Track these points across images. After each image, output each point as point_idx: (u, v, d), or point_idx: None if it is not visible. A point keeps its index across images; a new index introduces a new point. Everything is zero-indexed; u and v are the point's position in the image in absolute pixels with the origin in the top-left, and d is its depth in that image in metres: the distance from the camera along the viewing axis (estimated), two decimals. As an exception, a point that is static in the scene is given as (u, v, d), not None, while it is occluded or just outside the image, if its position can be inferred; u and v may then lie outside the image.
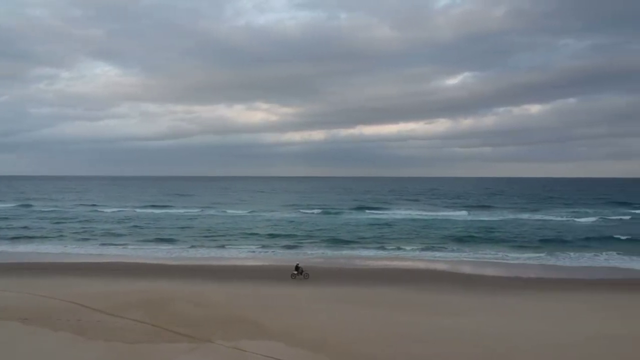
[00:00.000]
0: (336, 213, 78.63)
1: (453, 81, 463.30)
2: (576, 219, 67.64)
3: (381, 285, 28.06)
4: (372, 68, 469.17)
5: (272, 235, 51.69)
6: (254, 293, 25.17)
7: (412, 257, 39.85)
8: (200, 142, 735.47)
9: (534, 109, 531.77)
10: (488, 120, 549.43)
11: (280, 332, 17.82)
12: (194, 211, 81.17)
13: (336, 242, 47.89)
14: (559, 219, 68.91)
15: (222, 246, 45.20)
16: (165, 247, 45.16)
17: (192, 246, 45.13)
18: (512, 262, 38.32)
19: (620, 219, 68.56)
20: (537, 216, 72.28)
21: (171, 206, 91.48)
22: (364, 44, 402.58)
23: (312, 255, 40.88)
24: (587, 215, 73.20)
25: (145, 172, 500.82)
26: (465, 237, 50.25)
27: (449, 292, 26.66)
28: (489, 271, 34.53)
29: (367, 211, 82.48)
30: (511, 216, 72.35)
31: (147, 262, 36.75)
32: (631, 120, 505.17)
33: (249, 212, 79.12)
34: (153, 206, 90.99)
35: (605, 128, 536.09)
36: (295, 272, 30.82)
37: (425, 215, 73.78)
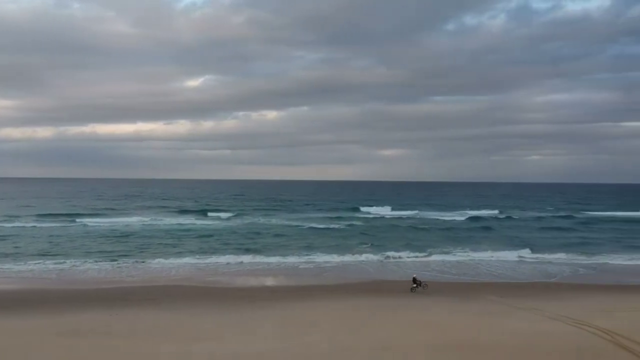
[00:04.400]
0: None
1: (194, 83, 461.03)
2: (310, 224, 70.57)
3: (99, 309, 23.71)
4: (108, 64, 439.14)
5: None
6: None
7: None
8: None
9: (271, 114, 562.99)
10: (229, 123, 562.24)
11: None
12: None
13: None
14: (287, 222, 69.65)
15: None
16: None
17: None
18: (253, 267, 37.34)
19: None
20: (274, 220, 72.45)
21: None
22: (99, 37, 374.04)
23: None
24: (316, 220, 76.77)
25: None
26: (211, 243, 48.08)
27: (200, 310, 23.82)
28: (238, 280, 32.69)
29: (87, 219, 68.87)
30: (255, 219, 72.71)
31: None
32: (353, 129, 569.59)
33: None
34: None
35: (333, 135, 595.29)
36: (415, 285, 29.05)
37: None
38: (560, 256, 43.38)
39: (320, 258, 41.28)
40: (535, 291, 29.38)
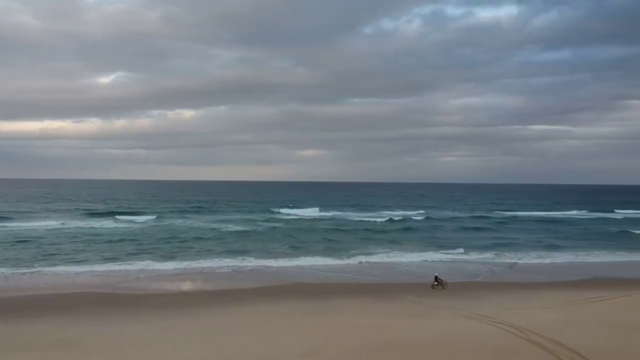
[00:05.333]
0: None
1: (105, 80, 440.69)
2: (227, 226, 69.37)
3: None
4: (13, 58, 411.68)
5: None
6: None
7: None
8: None
9: (188, 114, 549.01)
10: (143, 122, 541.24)
11: None
12: None
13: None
14: (205, 225, 67.86)
15: None
16: None
17: None
18: (169, 272, 35.97)
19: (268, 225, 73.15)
20: (191, 222, 70.68)
21: None
22: (3, 30, 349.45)
23: None
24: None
25: None
26: (124, 247, 45.81)
27: (109, 319, 22.39)
28: (154, 287, 31.27)
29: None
30: (171, 222, 70.33)
31: None
32: (272, 129, 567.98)
33: None
34: None
35: (251, 135, 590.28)
36: (436, 283, 30.68)
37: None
38: (477, 256, 44.98)
39: (240, 262, 40.36)
40: (452, 291, 30.12)
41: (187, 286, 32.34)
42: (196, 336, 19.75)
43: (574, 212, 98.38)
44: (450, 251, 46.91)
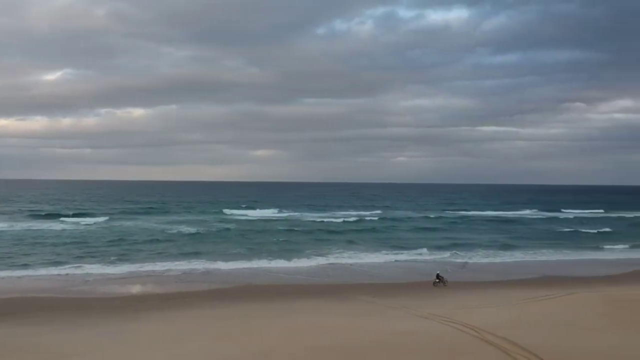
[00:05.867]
0: None
1: (51, 77, 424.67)
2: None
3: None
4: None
5: None
6: None
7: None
8: None
9: (137, 112, 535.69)
10: (90, 121, 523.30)
11: None
12: None
13: None
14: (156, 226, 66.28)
15: None
16: None
17: None
18: (118, 276, 34.90)
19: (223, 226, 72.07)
20: (141, 224, 68.50)
21: None
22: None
23: None
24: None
25: None
26: (71, 250, 44.16)
27: (53, 326, 21.38)
28: (103, 291, 30.21)
29: None
30: (120, 223, 68.28)
31: None
32: (225, 129, 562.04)
33: None
34: None
35: (203, 135, 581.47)
36: (437, 280, 31.77)
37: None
38: (431, 256, 45.47)
39: (192, 264, 39.49)
40: (407, 290, 30.33)
41: (137, 290, 31.40)
42: (148, 341, 19.10)
43: (524, 212, 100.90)
44: (404, 251, 47.33)
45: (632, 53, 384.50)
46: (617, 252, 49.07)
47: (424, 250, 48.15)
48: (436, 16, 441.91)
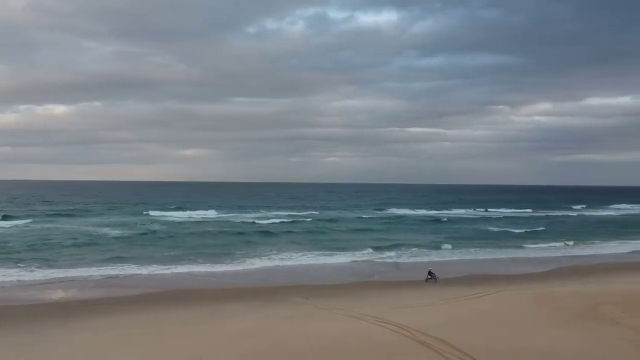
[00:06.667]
0: None
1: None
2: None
3: None
4: None
5: None
6: None
7: None
8: None
9: (59, 109, 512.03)
10: (8, 118, 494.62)
11: None
12: None
13: None
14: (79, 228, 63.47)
15: None
16: None
17: None
18: (39, 282, 32.74)
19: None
20: (63, 226, 65.24)
21: None
22: None
23: None
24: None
25: None
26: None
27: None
28: (22, 297, 28.31)
29: None
30: (40, 226, 64.52)
31: None
32: (152, 128, 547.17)
33: None
34: None
35: (130, 133, 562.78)
36: (430, 277, 32.84)
37: None
38: (365, 257, 45.53)
39: (117, 269, 37.65)
40: (341, 291, 30.22)
41: (58, 296, 29.52)
42: (68, 351, 17.93)
43: (453, 212, 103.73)
44: (340, 252, 47.25)
45: (553, 58, 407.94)
46: (541, 251, 51.04)
47: (356, 250, 48.41)
48: (367, 18, 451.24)
